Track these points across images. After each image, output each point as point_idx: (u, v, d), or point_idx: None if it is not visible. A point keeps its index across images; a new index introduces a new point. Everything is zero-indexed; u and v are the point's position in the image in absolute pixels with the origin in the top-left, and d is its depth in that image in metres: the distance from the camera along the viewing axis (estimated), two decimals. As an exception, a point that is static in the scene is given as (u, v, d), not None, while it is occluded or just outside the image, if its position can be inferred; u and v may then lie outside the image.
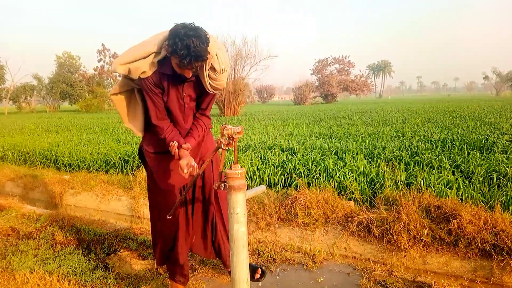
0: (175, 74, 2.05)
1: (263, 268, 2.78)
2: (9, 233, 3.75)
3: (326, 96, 51.17)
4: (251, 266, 2.59)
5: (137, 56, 1.97)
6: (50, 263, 2.98)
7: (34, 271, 2.78)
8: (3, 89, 40.96)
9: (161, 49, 2.00)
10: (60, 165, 6.59)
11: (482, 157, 4.83)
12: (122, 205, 4.60)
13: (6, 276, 2.73)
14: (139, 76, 2.04)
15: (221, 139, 1.74)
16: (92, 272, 2.84)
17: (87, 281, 2.70)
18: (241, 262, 1.60)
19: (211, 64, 2.01)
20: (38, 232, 3.74)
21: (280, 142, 6.89)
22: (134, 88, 2.28)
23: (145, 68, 1.99)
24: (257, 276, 2.66)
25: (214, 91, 2.16)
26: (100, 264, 3.00)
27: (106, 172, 5.94)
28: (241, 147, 6.58)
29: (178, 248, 2.40)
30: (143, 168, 4.75)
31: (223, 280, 2.80)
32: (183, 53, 1.84)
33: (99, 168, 6.12)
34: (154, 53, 1.99)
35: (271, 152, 5.84)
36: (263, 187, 1.93)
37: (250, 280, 2.64)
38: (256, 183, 4.62)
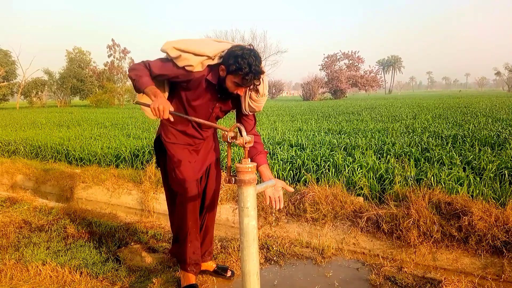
0: (218, 85, 2.18)
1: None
2: (21, 225, 3.82)
3: (335, 91, 50.83)
4: (222, 267, 2.80)
5: (191, 49, 2.07)
6: (62, 255, 3.03)
7: (47, 263, 2.83)
8: (14, 84, 41.41)
9: (215, 57, 2.13)
10: (71, 159, 6.67)
11: (494, 154, 4.78)
12: (132, 199, 4.64)
13: (19, 267, 2.78)
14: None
15: (226, 133, 1.73)
16: (104, 265, 2.88)
17: (98, 273, 2.74)
18: (251, 255, 1.61)
19: (256, 86, 2.17)
20: (50, 224, 3.79)
21: (289, 137, 6.88)
22: (164, 81, 2.34)
23: (193, 63, 2.09)
24: (229, 274, 2.76)
25: (250, 112, 2.32)
26: (111, 257, 3.04)
27: (117, 166, 5.99)
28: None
29: (192, 236, 2.48)
30: (153, 163, 4.79)
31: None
32: (246, 71, 2.00)
33: (109, 162, 6.17)
34: (207, 57, 2.11)
35: (280, 148, 5.84)
36: (273, 182, 1.93)
37: (220, 277, 2.72)
38: (265, 178, 4.62)
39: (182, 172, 2.37)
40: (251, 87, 2.15)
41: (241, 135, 1.70)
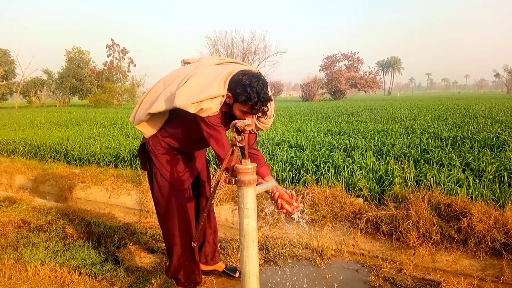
0: (229, 111, 2.14)
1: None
2: (20, 225, 3.81)
3: (335, 92, 50.87)
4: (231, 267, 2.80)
5: (207, 96, 2.00)
6: (60, 256, 3.03)
7: (45, 263, 2.82)
8: (13, 83, 41.36)
9: (226, 92, 2.06)
10: (70, 159, 6.66)
11: (493, 155, 4.78)
12: (131, 199, 4.64)
13: (18, 267, 2.77)
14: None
15: (236, 137, 1.73)
16: (102, 265, 2.87)
17: (97, 274, 2.73)
18: (250, 256, 1.61)
19: (265, 112, 2.12)
20: (49, 224, 3.78)
21: (288, 138, 6.88)
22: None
23: (216, 109, 2.05)
24: (237, 274, 2.74)
25: (256, 131, 2.33)
26: (110, 257, 3.03)
27: (116, 166, 5.99)
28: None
29: (189, 253, 2.41)
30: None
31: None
32: (255, 100, 1.97)
33: (108, 162, 6.17)
34: (222, 96, 2.05)
35: (279, 148, 5.84)
36: (273, 183, 1.93)
37: (230, 277, 2.71)
38: (264, 179, 4.62)
39: (176, 180, 2.34)
40: (259, 114, 2.11)
41: (240, 122, 1.71)
